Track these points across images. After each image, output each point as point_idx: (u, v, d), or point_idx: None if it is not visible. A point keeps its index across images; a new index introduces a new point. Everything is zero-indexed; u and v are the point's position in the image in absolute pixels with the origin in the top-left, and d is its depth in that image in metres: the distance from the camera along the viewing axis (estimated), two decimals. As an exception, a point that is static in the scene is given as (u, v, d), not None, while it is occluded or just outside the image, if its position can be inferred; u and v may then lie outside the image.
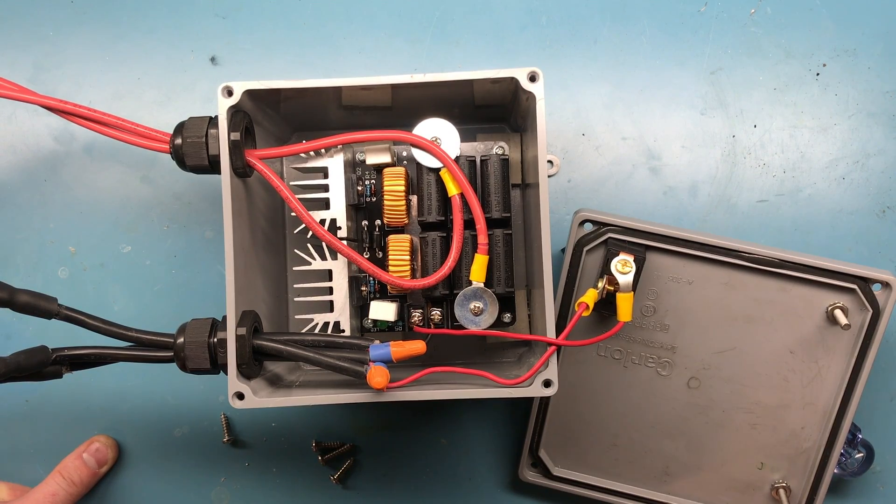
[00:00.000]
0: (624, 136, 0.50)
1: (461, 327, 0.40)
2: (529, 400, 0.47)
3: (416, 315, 0.42)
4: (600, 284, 0.42)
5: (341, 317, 0.42)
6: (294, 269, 0.44)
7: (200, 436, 0.50)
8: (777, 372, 0.45)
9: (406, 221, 0.42)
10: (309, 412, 0.50)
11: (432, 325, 0.42)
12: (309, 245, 0.42)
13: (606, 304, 0.42)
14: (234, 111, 0.38)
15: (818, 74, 0.50)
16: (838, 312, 0.43)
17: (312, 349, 0.38)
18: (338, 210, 0.41)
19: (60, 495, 0.46)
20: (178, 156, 0.39)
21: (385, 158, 0.42)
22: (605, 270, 0.42)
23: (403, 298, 0.43)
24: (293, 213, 0.39)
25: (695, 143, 0.50)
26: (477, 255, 0.39)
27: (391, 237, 0.41)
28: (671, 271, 0.44)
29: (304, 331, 0.41)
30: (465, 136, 0.41)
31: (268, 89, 0.38)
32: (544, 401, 0.47)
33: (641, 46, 0.50)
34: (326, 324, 0.42)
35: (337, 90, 0.39)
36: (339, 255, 0.41)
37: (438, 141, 0.40)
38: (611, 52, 0.50)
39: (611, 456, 0.47)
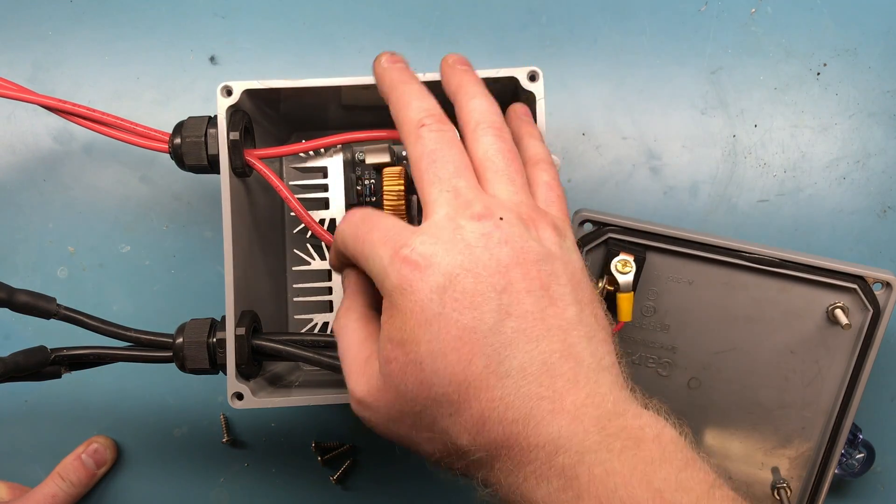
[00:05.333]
0: (624, 136, 0.50)
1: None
2: (529, 400, 0.47)
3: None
4: (600, 284, 0.42)
5: (341, 317, 0.42)
6: (293, 268, 0.43)
7: (200, 436, 0.50)
8: (777, 372, 0.45)
9: (406, 221, 0.42)
10: (309, 412, 0.50)
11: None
12: (308, 245, 0.42)
13: (606, 304, 0.42)
14: (234, 111, 0.38)
15: (819, 74, 0.50)
16: (839, 312, 0.43)
17: (312, 349, 0.38)
18: (337, 210, 0.41)
19: (60, 496, 0.46)
20: (178, 155, 0.38)
21: (385, 158, 0.42)
22: (605, 270, 0.42)
23: (403, 298, 0.43)
24: (292, 213, 0.39)
25: (695, 142, 0.50)
26: (477, 255, 0.39)
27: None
28: (671, 271, 0.44)
29: (303, 331, 0.41)
30: (465, 136, 0.41)
31: (267, 89, 0.38)
32: (544, 401, 0.46)
33: (641, 46, 0.50)
34: (326, 324, 0.42)
35: (336, 90, 0.39)
36: (338, 254, 0.41)
37: (438, 140, 0.40)
38: (611, 52, 0.50)
39: (611, 456, 0.47)
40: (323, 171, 0.41)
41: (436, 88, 0.39)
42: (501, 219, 0.29)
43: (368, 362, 0.30)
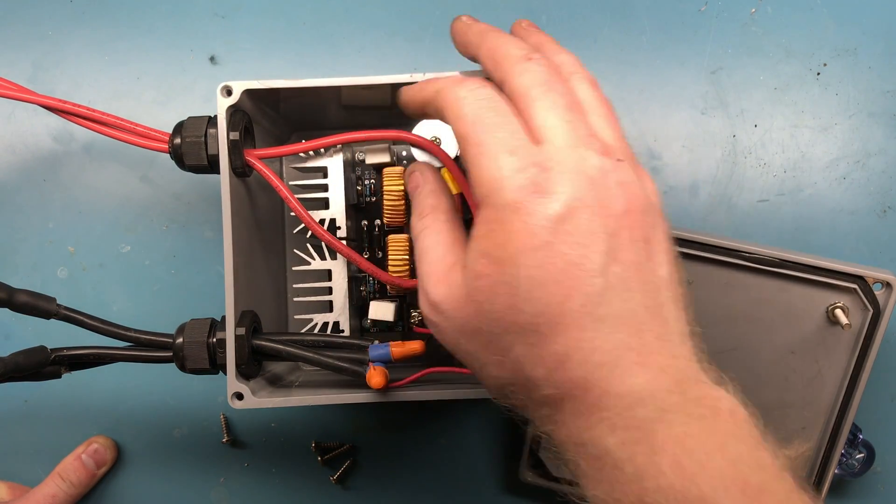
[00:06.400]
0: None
1: (461, 327, 0.40)
2: (529, 400, 0.47)
3: (416, 315, 0.42)
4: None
5: (341, 317, 0.42)
6: (293, 268, 0.43)
7: (200, 436, 0.50)
8: (777, 372, 0.45)
9: (406, 221, 0.42)
10: (309, 412, 0.50)
11: (432, 325, 0.42)
12: (308, 245, 0.42)
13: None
14: (234, 111, 0.38)
15: (819, 74, 0.50)
16: (839, 312, 0.43)
17: (312, 349, 0.38)
18: (337, 210, 0.41)
19: (59, 497, 0.46)
20: (178, 155, 0.38)
21: (385, 158, 0.42)
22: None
23: (403, 298, 0.43)
24: (292, 213, 0.39)
25: (695, 142, 0.50)
26: (477, 255, 0.39)
27: (391, 237, 0.41)
28: (671, 271, 0.44)
29: (303, 331, 0.41)
30: (465, 136, 0.41)
31: (267, 89, 0.38)
32: (544, 401, 0.46)
33: (641, 46, 0.50)
34: (326, 324, 0.42)
35: (336, 90, 0.39)
36: (338, 255, 0.41)
37: (438, 141, 0.40)
38: (611, 52, 0.50)
39: (611, 456, 0.47)
40: (323, 171, 0.41)
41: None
42: (619, 160, 0.28)
43: (452, 269, 0.29)
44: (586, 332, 0.26)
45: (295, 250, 0.44)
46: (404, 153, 0.44)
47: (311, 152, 0.41)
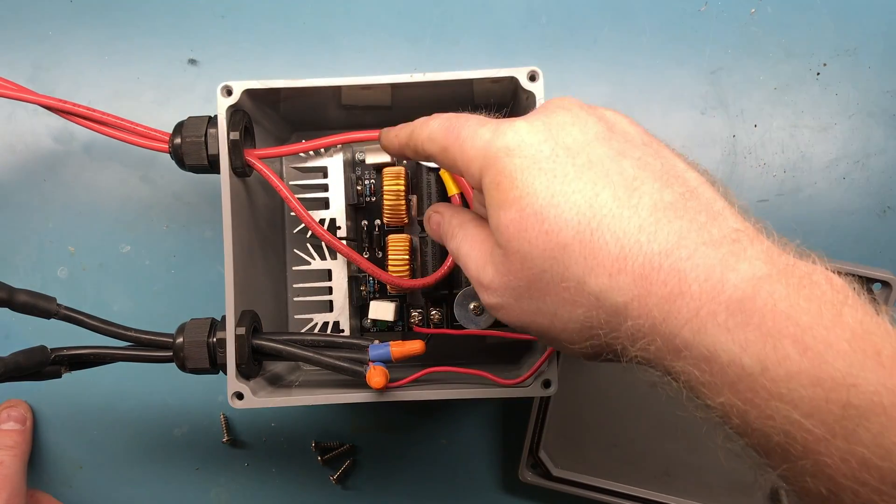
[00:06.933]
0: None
1: (461, 327, 0.40)
2: (529, 400, 0.47)
3: (416, 315, 0.42)
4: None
5: (341, 317, 0.42)
6: (294, 268, 0.44)
7: (200, 436, 0.50)
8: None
9: (406, 221, 0.42)
10: (308, 412, 0.50)
11: (432, 325, 0.42)
12: (308, 245, 0.42)
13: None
14: (234, 111, 0.38)
15: (818, 74, 0.50)
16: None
17: (312, 349, 0.38)
18: (337, 210, 0.41)
19: (7, 461, 0.46)
20: (178, 155, 0.38)
21: (385, 158, 0.42)
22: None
23: (403, 298, 0.43)
24: (293, 213, 0.39)
25: (695, 142, 0.50)
26: (477, 255, 0.39)
27: (391, 237, 0.41)
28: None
29: (303, 331, 0.41)
30: (465, 136, 0.41)
31: (267, 89, 0.38)
32: (544, 401, 0.46)
33: (641, 46, 0.50)
34: (326, 324, 0.42)
35: (336, 90, 0.39)
36: (338, 254, 0.41)
37: (438, 140, 0.40)
38: (611, 52, 0.50)
39: (611, 456, 0.47)
40: (323, 171, 0.41)
41: (436, 88, 0.39)
42: None
43: (492, 252, 0.29)
44: (631, 222, 0.25)
45: (295, 250, 0.44)
46: (404, 153, 0.44)
47: (311, 152, 0.41)
